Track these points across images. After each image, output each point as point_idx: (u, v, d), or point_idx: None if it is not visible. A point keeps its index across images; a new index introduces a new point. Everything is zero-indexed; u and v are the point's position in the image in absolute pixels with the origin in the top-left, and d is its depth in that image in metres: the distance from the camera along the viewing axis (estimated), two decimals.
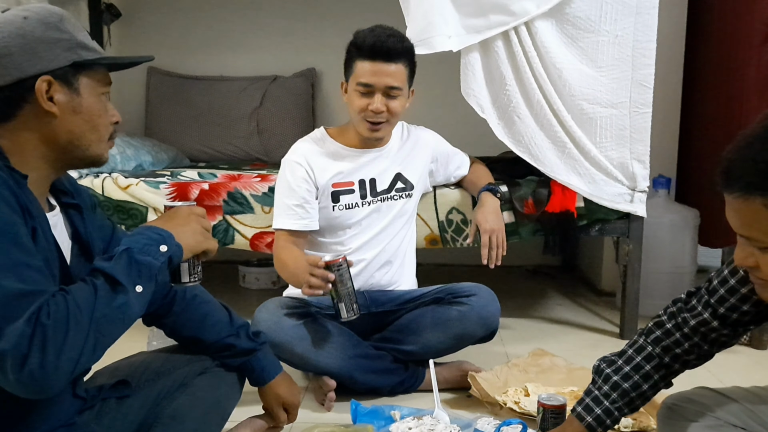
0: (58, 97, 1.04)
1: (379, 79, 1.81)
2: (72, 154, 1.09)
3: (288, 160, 1.93)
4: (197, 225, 1.13)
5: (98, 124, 1.10)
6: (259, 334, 1.43)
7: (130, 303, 0.99)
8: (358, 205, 1.93)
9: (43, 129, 1.05)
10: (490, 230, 1.99)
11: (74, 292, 0.95)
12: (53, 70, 1.03)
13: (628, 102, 2.22)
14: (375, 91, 1.82)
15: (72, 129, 1.07)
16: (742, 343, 2.32)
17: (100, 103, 1.10)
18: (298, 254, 1.86)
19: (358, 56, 1.82)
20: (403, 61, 1.83)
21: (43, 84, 1.02)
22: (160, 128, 3.39)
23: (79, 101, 1.07)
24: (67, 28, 1.05)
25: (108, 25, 3.41)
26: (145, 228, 1.08)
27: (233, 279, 3.21)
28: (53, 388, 0.92)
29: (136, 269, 1.00)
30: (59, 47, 1.04)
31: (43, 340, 0.89)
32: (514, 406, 1.70)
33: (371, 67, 1.80)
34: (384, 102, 1.82)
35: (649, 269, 2.57)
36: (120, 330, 1.00)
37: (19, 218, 0.96)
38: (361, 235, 1.94)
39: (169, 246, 1.06)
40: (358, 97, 1.84)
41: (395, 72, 1.82)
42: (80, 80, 1.07)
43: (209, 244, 1.15)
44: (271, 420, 1.48)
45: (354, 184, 1.93)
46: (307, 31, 3.48)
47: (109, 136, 1.13)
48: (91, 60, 1.07)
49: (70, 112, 1.06)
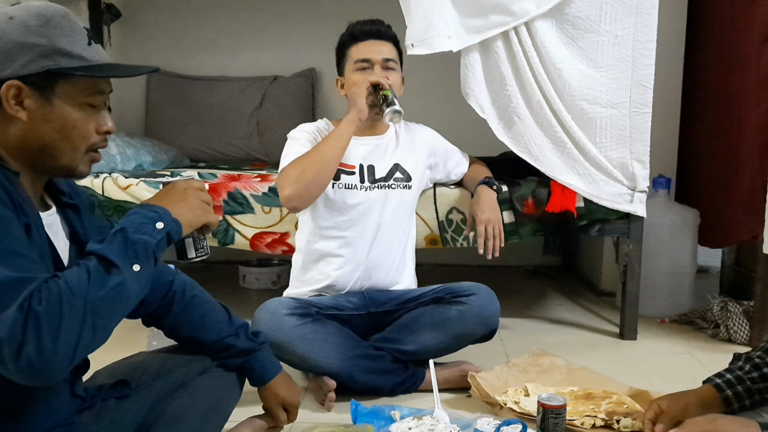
0: (28, 102, 1.02)
1: (375, 53, 1.93)
2: (44, 162, 1.06)
3: (296, 129, 1.99)
4: (195, 199, 1.12)
5: (71, 135, 1.05)
6: (259, 334, 1.43)
7: (126, 283, 0.97)
8: (356, 187, 1.94)
9: (15, 133, 1.03)
10: (486, 221, 2.00)
11: (66, 276, 0.94)
12: (25, 76, 1.00)
13: (628, 102, 2.22)
14: (374, 64, 1.92)
15: (41, 137, 1.04)
16: (742, 343, 2.33)
17: (79, 113, 1.05)
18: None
19: (352, 42, 1.95)
20: (391, 42, 1.97)
21: (10, 90, 1.00)
22: (160, 128, 3.39)
23: (50, 110, 1.03)
24: (48, 33, 1.01)
25: (108, 25, 3.42)
26: (141, 206, 1.07)
27: (233, 279, 3.21)
28: (54, 375, 0.91)
29: (132, 248, 0.99)
30: (33, 53, 1.00)
31: (37, 327, 0.88)
32: (514, 406, 1.70)
33: (366, 45, 1.94)
34: (384, 75, 1.91)
35: (649, 269, 2.57)
36: (119, 311, 0.98)
37: (11, 213, 0.96)
38: (359, 222, 1.94)
39: (166, 222, 1.04)
40: (358, 75, 1.93)
41: (387, 48, 1.96)
42: (57, 88, 1.03)
43: (209, 217, 1.13)
44: (271, 420, 1.47)
45: (355, 167, 1.96)
46: (307, 31, 3.48)
47: (89, 147, 1.09)
48: (67, 69, 1.02)
49: (39, 119, 1.03)
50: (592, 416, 1.64)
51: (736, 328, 2.34)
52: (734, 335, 2.34)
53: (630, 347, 2.34)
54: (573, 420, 1.62)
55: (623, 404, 1.69)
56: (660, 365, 2.16)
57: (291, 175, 1.82)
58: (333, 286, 1.96)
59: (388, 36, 1.97)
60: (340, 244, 1.94)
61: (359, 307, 1.95)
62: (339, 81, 2.00)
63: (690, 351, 2.29)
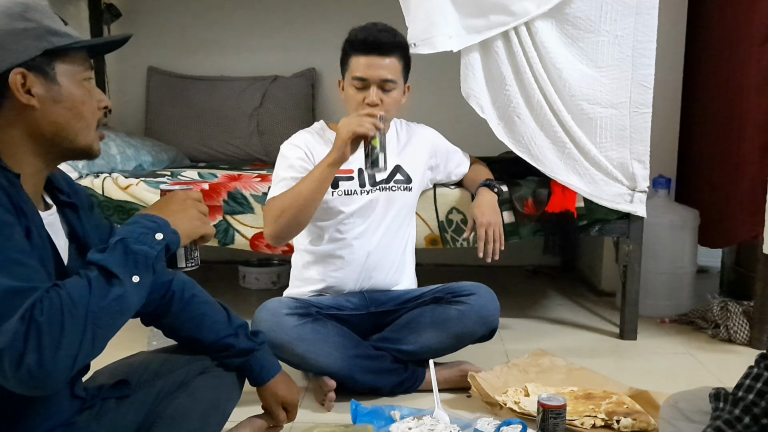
0: (36, 88, 1.01)
1: (373, 72, 1.84)
2: (60, 146, 1.06)
3: (287, 143, 1.95)
4: (194, 210, 1.12)
5: (82, 111, 1.06)
6: (258, 333, 1.43)
7: (126, 294, 0.97)
8: (356, 192, 1.93)
9: (27, 123, 1.02)
10: (487, 224, 2.00)
11: (68, 286, 0.94)
12: (25, 62, 1.00)
13: (628, 102, 2.22)
14: (370, 84, 1.85)
15: (56, 120, 1.04)
16: (742, 343, 2.33)
17: (81, 89, 1.06)
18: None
19: (353, 52, 1.86)
20: (396, 54, 1.87)
21: (17, 77, 0.99)
22: (160, 128, 3.39)
23: (58, 90, 1.03)
24: (34, 17, 1.01)
25: (108, 25, 3.41)
26: (141, 216, 1.07)
27: (233, 279, 3.21)
28: (53, 385, 0.91)
29: (132, 259, 0.99)
30: (28, 37, 0.99)
31: (39, 337, 0.88)
32: (514, 406, 1.70)
33: (365, 60, 1.84)
34: (379, 95, 1.85)
35: (649, 269, 2.57)
36: (119, 322, 0.98)
37: (12, 217, 0.95)
38: (360, 224, 1.94)
39: (165, 234, 1.04)
40: (354, 92, 1.87)
41: (389, 65, 1.85)
42: (56, 68, 1.02)
43: (206, 229, 1.14)
44: (271, 419, 1.47)
45: (353, 172, 1.94)
46: (307, 31, 3.48)
47: (96, 123, 1.09)
48: (64, 45, 1.02)
49: (50, 102, 1.03)
50: (592, 416, 1.64)
51: (736, 328, 2.34)
52: (734, 335, 2.34)
53: (630, 347, 2.34)
54: (573, 420, 1.62)
55: (623, 404, 1.69)
56: (660, 365, 2.16)
57: (270, 214, 1.83)
58: (333, 287, 1.96)
59: (392, 48, 1.85)
60: (340, 245, 1.94)
61: (359, 307, 1.95)
62: (341, 83, 1.95)
63: (690, 351, 2.29)
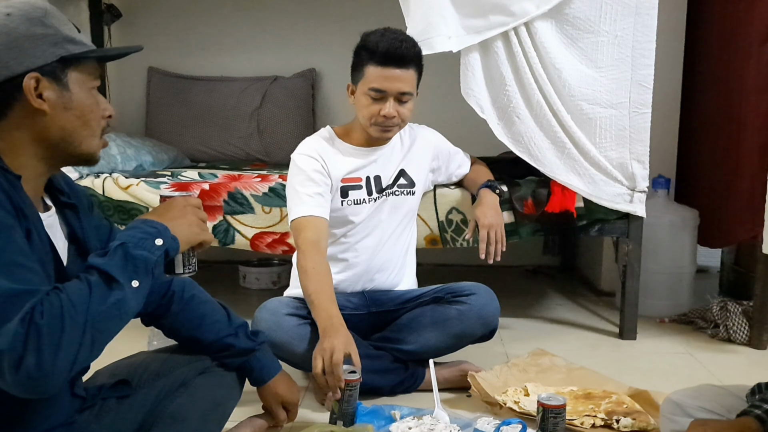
0: (48, 93, 1.02)
1: (391, 84, 1.80)
2: (64, 151, 1.07)
3: (300, 154, 1.91)
4: (193, 217, 1.13)
5: (90, 120, 1.07)
6: (258, 333, 1.43)
7: (126, 299, 0.98)
8: (364, 201, 1.93)
9: (35, 127, 1.03)
10: (489, 225, 2.00)
11: (68, 289, 0.94)
12: (41, 67, 1.01)
13: (627, 102, 2.22)
14: (387, 97, 1.81)
15: (63, 126, 1.05)
16: (741, 343, 2.33)
17: (91, 98, 1.08)
18: (322, 275, 1.76)
19: (370, 61, 1.80)
20: (413, 66, 1.83)
21: (31, 81, 1.00)
22: (161, 128, 3.39)
23: (69, 97, 1.04)
24: (52, 23, 1.02)
25: (108, 26, 3.42)
26: (141, 221, 1.08)
27: (233, 279, 3.21)
28: (51, 388, 0.91)
29: (132, 264, 1.00)
30: (45, 43, 1.01)
31: (38, 341, 0.88)
32: (513, 406, 1.71)
33: (384, 72, 1.79)
34: (396, 107, 1.82)
35: (649, 269, 2.57)
36: (117, 326, 0.99)
37: (13, 219, 0.96)
38: (364, 229, 1.94)
39: (165, 239, 1.05)
40: (369, 102, 1.83)
41: (407, 78, 1.81)
42: (69, 75, 1.04)
43: (205, 236, 1.15)
44: (271, 419, 1.48)
45: (362, 180, 1.94)
46: (307, 31, 3.48)
47: (101, 131, 1.11)
48: (79, 54, 1.04)
49: (60, 108, 1.04)
50: (591, 416, 1.64)
51: (736, 328, 2.34)
52: (734, 335, 2.34)
53: (629, 347, 2.34)
54: (573, 420, 1.62)
55: (623, 404, 1.69)
56: (659, 365, 2.16)
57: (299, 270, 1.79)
58: (335, 288, 1.95)
59: (410, 61, 1.81)
60: (344, 248, 1.94)
61: (359, 307, 1.95)
62: (350, 87, 1.90)
63: (689, 351, 2.29)
